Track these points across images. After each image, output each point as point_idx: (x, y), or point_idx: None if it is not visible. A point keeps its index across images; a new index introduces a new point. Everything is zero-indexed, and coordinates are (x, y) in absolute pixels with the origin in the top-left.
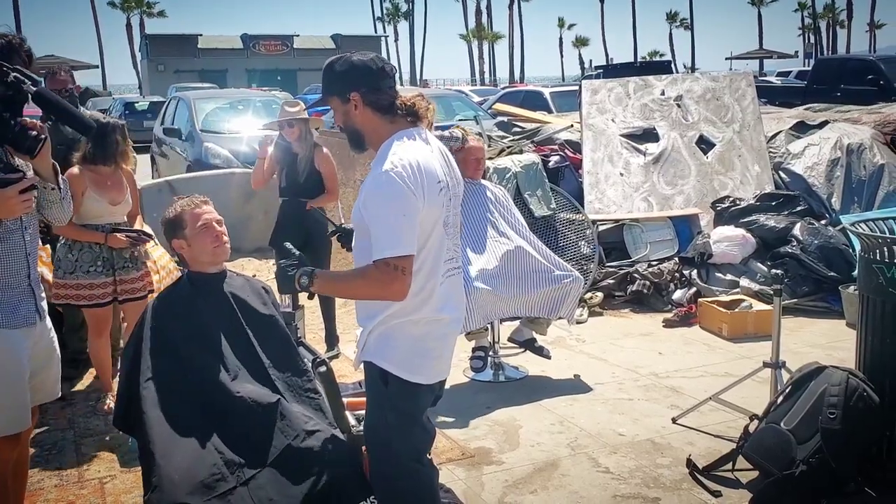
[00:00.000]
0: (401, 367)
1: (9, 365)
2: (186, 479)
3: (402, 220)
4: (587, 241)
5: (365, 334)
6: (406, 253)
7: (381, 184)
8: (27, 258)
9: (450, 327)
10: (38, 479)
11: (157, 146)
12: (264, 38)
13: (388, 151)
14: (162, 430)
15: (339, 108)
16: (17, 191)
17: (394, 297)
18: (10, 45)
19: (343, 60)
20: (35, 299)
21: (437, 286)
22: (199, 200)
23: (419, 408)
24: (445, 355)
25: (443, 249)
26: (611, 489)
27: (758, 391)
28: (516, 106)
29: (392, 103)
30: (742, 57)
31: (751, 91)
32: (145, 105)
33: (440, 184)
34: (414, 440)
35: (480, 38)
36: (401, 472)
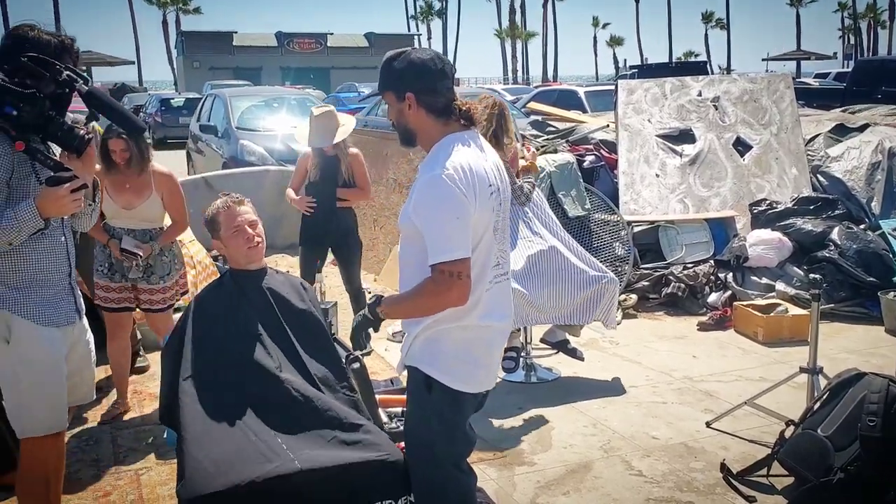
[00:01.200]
0: (446, 374)
1: (49, 364)
2: (223, 469)
3: (456, 224)
4: (622, 242)
5: (410, 339)
6: (460, 256)
7: (433, 187)
8: (67, 256)
9: (497, 335)
10: (75, 469)
11: (192, 143)
12: (298, 36)
13: (440, 155)
14: (199, 424)
15: (394, 105)
16: (68, 189)
17: (455, 303)
18: (61, 44)
19: (402, 58)
20: (74, 298)
21: (483, 293)
22: (234, 201)
23: (462, 415)
24: (492, 365)
25: (491, 255)
26: (644, 492)
27: (793, 397)
28: (550, 105)
29: (447, 105)
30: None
31: (789, 93)
32: (181, 101)
33: (491, 188)
34: (455, 446)
35: (514, 37)
36: (440, 477)
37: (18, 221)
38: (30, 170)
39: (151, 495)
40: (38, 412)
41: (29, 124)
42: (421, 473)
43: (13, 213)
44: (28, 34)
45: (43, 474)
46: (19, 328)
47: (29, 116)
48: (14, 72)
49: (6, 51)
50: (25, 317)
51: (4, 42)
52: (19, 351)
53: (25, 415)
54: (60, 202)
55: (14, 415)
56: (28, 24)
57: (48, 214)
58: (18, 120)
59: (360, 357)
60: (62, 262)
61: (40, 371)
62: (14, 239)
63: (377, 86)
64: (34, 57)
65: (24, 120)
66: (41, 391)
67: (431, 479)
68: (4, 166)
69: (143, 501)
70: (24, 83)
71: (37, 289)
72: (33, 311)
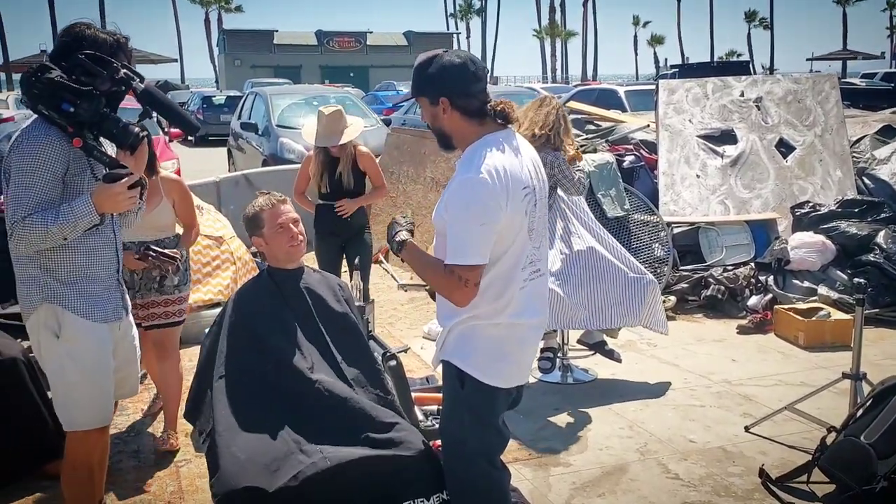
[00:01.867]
0: (478, 370)
1: (97, 359)
2: (257, 465)
3: (479, 230)
4: (661, 243)
5: (444, 333)
6: (472, 263)
7: (465, 189)
8: (116, 253)
9: (529, 332)
10: (117, 460)
11: (233, 140)
12: (338, 34)
13: (475, 156)
14: (233, 419)
15: (428, 110)
16: (125, 186)
17: (455, 303)
18: (116, 42)
19: (435, 62)
20: (122, 294)
21: (516, 292)
22: (277, 199)
23: (494, 410)
24: (524, 361)
25: (523, 255)
26: (680, 496)
27: (835, 403)
28: (590, 104)
29: (481, 107)
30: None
31: (835, 94)
32: (222, 99)
33: (526, 189)
34: (488, 442)
35: (553, 36)
36: (473, 473)
37: (75, 216)
38: (85, 166)
39: (190, 487)
40: (85, 406)
41: (85, 121)
42: (454, 469)
43: (70, 208)
44: (85, 32)
45: (87, 466)
46: (69, 323)
47: (85, 113)
48: (71, 69)
49: (63, 48)
50: (75, 312)
51: (61, 39)
52: (68, 345)
53: (72, 408)
54: (117, 198)
55: (61, 408)
56: (84, 23)
57: (104, 210)
58: (75, 117)
59: (397, 354)
60: (111, 259)
61: (88, 365)
62: (69, 234)
63: (411, 89)
64: (91, 55)
65: (81, 117)
66: (88, 385)
67: (464, 474)
68: (60, 162)
69: (182, 493)
70: (80, 80)
71: (87, 284)
72: (83, 307)
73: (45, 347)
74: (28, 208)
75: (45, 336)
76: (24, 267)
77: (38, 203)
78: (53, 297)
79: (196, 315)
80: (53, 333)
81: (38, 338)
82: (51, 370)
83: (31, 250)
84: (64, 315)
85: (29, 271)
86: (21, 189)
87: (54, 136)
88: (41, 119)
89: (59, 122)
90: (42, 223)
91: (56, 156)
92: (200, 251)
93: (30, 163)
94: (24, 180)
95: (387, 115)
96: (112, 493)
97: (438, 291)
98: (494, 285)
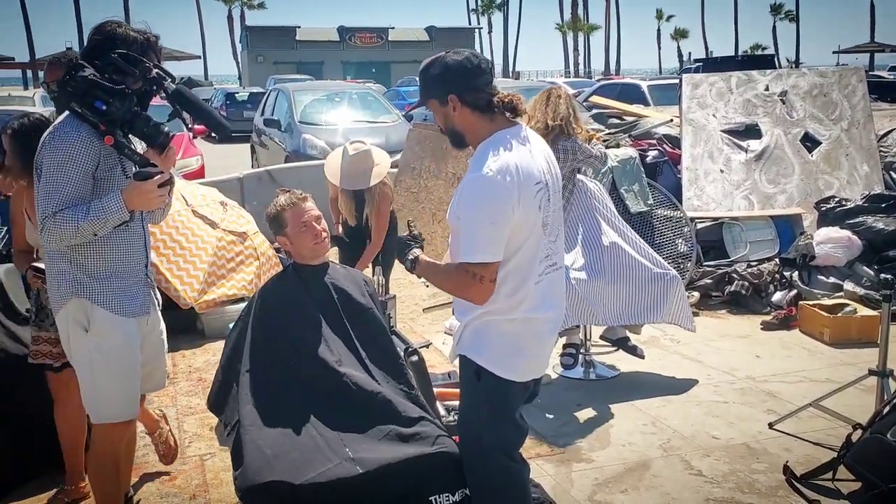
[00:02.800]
0: (493, 364)
1: (125, 353)
2: (282, 461)
3: (490, 228)
4: (684, 238)
5: (461, 328)
6: (485, 260)
7: (476, 187)
8: (145, 248)
9: (545, 326)
10: (142, 453)
11: (256, 136)
12: (360, 30)
13: (486, 153)
14: (258, 414)
15: (439, 111)
16: (155, 184)
17: (471, 301)
18: (147, 41)
19: (438, 63)
20: (150, 289)
21: (531, 287)
22: (298, 198)
23: (511, 404)
24: (542, 354)
25: (539, 250)
26: (703, 492)
27: (861, 400)
28: (612, 99)
29: (490, 101)
30: (851, 50)
31: (861, 87)
32: (245, 95)
33: (538, 185)
34: (505, 435)
35: (576, 30)
36: (491, 466)
37: (105, 213)
38: (115, 163)
39: (215, 480)
40: (113, 399)
41: (116, 119)
42: (472, 464)
43: (101, 204)
44: (116, 31)
45: (114, 458)
46: (97, 317)
47: (118, 112)
48: (104, 68)
49: (95, 47)
50: (103, 306)
51: (93, 38)
52: (96, 339)
53: (100, 401)
54: (147, 196)
55: (89, 401)
56: (115, 21)
57: (134, 207)
58: (108, 115)
59: (419, 350)
60: (140, 254)
61: (115, 359)
62: (99, 230)
63: (419, 97)
64: (124, 54)
65: (113, 115)
66: (116, 379)
67: (482, 469)
68: (91, 159)
69: (206, 486)
70: (113, 79)
71: (116, 279)
72: (111, 301)
73: (74, 341)
74: (59, 204)
75: (74, 330)
76: (55, 261)
77: (69, 199)
78: (82, 292)
79: (220, 310)
80: (82, 327)
81: (68, 331)
82: (79, 364)
83: (61, 245)
84: (93, 310)
85: (59, 266)
86: (52, 185)
87: (85, 134)
88: (73, 116)
89: (90, 120)
90: (73, 219)
91: (87, 153)
92: (225, 246)
93: (61, 159)
94: (55, 176)
95: (408, 110)
96: (138, 487)
97: (454, 292)
98: (510, 281)
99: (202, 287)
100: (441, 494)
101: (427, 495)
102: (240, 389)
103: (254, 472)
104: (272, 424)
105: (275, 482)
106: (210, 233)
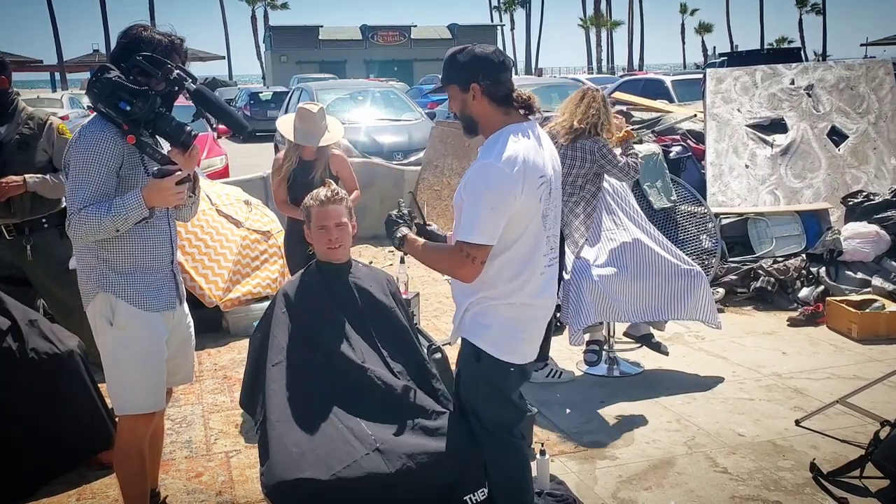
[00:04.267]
0: (493, 346)
1: (150, 346)
2: (309, 458)
3: (490, 213)
4: (709, 234)
5: (461, 311)
6: (480, 242)
7: (483, 172)
8: (171, 244)
9: (541, 312)
10: (169, 450)
11: (280, 136)
12: (382, 28)
13: (498, 143)
14: (286, 410)
15: (458, 97)
16: (173, 182)
17: (461, 279)
18: (171, 44)
19: (466, 52)
20: (176, 284)
21: (535, 275)
22: (327, 198)
23: (509, 385)
24: (536, 338)
25: (541, 241)
26: (729, 490)
27: (890, 396)
28: (636, 95)
29: (508, 95)
30: (879, 43)
31: (889, 80)
32: (269, 95)
33: (542, 178)
34: (503, 414)
35: (599, 25)
36: (489, 440)
37: (126, 209)
38: (138, 161)
39: (241, 477)
40: (136, 391)
41: (140, 119)
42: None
43: (122, 201)
44: (142, 34)
45: (138, 450)
46: (121, 311)
47: (140, 112)
48: (129, 70)
49: (123, 50)
50: (127, 300)
51: (120, 41)
52: (120, 333)
53: (124, 393)
54: (165, 193)
55: (114, 393)
56: (141, 25)
57: (153, 204)
58: (131, 115)
59: (442, 347)
60: (166, 251)
61: (139, 352)
62: (121, 226)
63: (440, 79)
64: (147, 56)
65: (137, 115)
66: (139, 371)
67: (487, 445)
68: (115, 157)
69: (232, 482)
70: (137, 80)
71: (141, 274)
72: (135, 296)
73: (100, 335)
74: (84, 200)
75: (101, 323)
76: (84, 257)
77: (93, 195)
78: (108, 286)
79: (245, 308)
80: (107, 321)
81: (95, 325)
82: (105, 356)
83: (87, 239)
84: (117, 304)
85: (88, 261)
86: (78, 182)
87: (109, 133)
88: (99, 117)
89: (115, 120)
90: (96, 214)
91: (111, 151)
92: (249, 245)
93: (86, 158)
94: (80, 174)
95: (431, 108)
96: (164, 483)
97: (444, 269)
98: (510, 267)
99: (226, 285)
100: (476, 492)
101: (462, 494)
102: (267, 385)
103: (280, 469)
104: (298, 420)
105: (300, 479)
106: (234, 231)
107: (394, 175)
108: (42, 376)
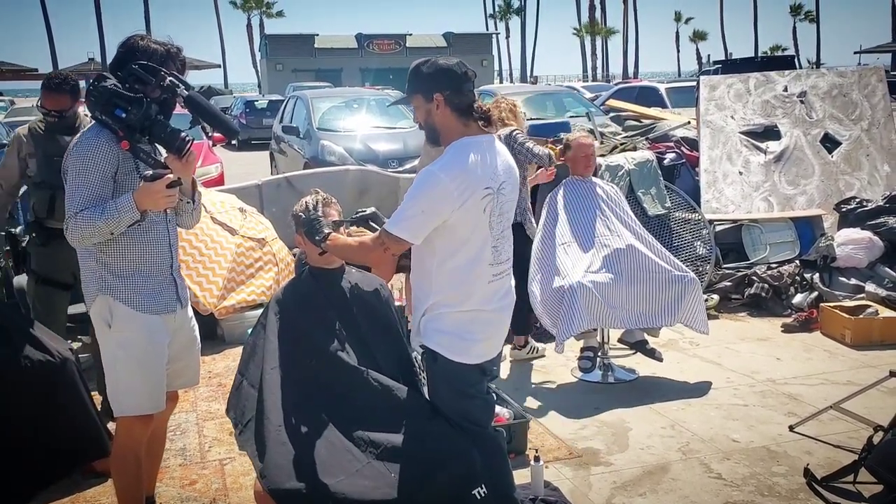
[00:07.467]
0: (447, 349)
1: (147, 348)
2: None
3: (419, 215)
4: (703, 241)
5: (419, 315)
6: (400, 236)
7: (424, 178)
8: (170, 249)
9: (495, 315)
10: (163, 458)
11: (275, 143)
12: (378, 37)
13: (447, 155)
14: (282, 414)
15: (422, 107)
16: (163, 185)
17: (367, 263)
18: (167, 52)
19: (430, 63)
20: (177, 288)
21: (482, 285)
22: (322, 203)
23: (467, 383)
24: (493, 338)
25: (485, 251)
26: (723, 495)
27: (883, 402)
28: (630, 102)
29: (469, 106)
30: (873, 50)
31: (882, 87)
32: (264, 103)
33: (488, 189)
34: (470, 410)
35: (593, 34)
36: (462, 440)
37: (118, 212)
38: (133, 167)
39: (235, 484)
40: (134, 393)
41: (135, 126)
42: (443, 430)
43: (114, 204)
44: (138, 44)
45: (135, 453)
46: (119, 313)
47: (135, 119)
48: (125, 78)
49: (120, 59)
50: (125, 303)
51: (119, 51)
52: (118, 335)
53: (122, 394)
54: (155, 196)
55: (112, 394)
56: (139, 35)
57: (144, 207)
58: (126, 121)
59: None
60: (165, 255)
61: (137, 354)
62: (114, 229)
63: (406, 90)
64: (143, 64)
65: (132, 121)
66: (137, 373)
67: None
68: (110, 162)
69: (226, 490)
70: (133, 88)
71: (139, 278)
72: (133, 298)
73: (100, 337)
74: (80, 204)
75: (100, 326)
76: (86, 261)
77: (89, 199)
78: (107, 289)
79: (239, 316)
80: (106, 323)
81: (96, 328)
82: (104, 358)
83: (84, 242)
84: (115, 306)
85: (89, 265)
86: (75, 187)
87: (104, 140)
88: (96, 124)
89: (112, 127)
90: (91, 217)
91: (105, 157)
92: (244, 252)
93: (82, 163)
94: (77, 178)
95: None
96: (158, 491)
97: (357, 255)
98: (456, 273)
99: (221, 293)
100: (480, 487)
101: (470, 489)
102: (265, 389)
103: (278, 476)
104: (296, 424)
105: (297, 489)
106: (229, 239)
107: (389, 182)
108: (36, 385)
